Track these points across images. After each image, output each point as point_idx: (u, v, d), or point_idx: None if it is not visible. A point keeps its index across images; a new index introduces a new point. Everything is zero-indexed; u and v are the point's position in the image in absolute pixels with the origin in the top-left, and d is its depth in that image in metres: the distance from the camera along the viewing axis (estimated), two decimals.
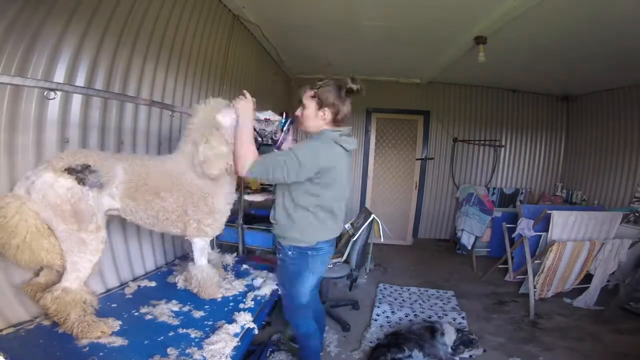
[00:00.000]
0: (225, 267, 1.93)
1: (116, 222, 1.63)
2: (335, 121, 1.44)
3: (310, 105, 1.44)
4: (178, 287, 1.65)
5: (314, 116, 1.44)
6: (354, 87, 1.40)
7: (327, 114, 1.42)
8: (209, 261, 1.65)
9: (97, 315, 1.30)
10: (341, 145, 1.42)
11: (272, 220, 1.54)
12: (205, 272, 1.58)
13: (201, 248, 1.57)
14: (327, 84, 1.41)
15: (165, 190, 1.41)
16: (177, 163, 1.47)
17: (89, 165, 1.22)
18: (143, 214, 1.40)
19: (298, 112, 1.50)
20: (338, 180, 1.42)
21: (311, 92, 1.43)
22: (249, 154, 1.37)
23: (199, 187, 1.47)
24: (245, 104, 1.44)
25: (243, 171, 1.37)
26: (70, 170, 1.17)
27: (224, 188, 1.55)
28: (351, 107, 1.46)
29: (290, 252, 1.47)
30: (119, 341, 1.21)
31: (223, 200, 1.56)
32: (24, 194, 1.12)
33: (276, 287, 1.77)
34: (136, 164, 1.38)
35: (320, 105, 1.42)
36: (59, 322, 1.19)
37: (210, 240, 1.67)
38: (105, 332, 1.23)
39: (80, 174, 1.18)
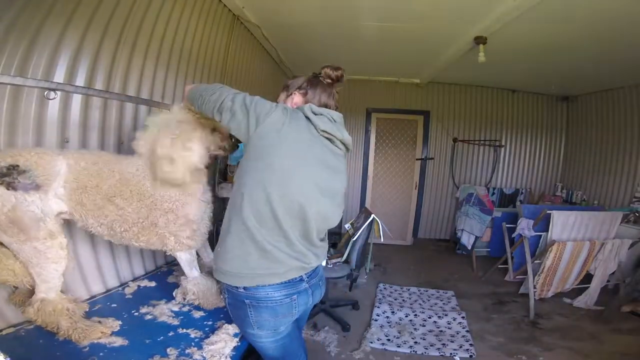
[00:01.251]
0: None
1: None
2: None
3: (281, 98, 1.18)
4: (177, 302, 1.50)
5: (287, 104, 1.15)
6: (331, 72, 1.12)
7: (296, 96, 1.13)
8: (202, 269, 1.53)
9: (97, 315, 1.30)
10: (309, 120, 1.02)
11: None
12: (201, 284, 1.44)
13: (188, 261, 1.42)
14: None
15: (122, 198, 1.23)
16: (139, 166, 1.28)
17: (17, 165, 1.06)
18: (93, 221, 1.23)
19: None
20: (290, 166, 0.97)
21: (281, 88, 1.20)
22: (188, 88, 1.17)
23: (166, 196, 1.28)
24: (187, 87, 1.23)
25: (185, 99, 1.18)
26: None
27: (196, 194, 1.36)
28: (334, 101, 1.14)
29: (225, 294, 1.07)
30: (119, 341, 1.20)
31: (198, 208, 1.36)
32: None
33: None
34: (86, 160, 1.21)
35: (287, 90, 1.16)
36: (54, 332, 1.15)
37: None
38: (105, 332, 1.20)
39: (6, 177, 1.03)
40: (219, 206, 2.47)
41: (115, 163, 1.28)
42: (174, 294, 1.53)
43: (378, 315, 2.65)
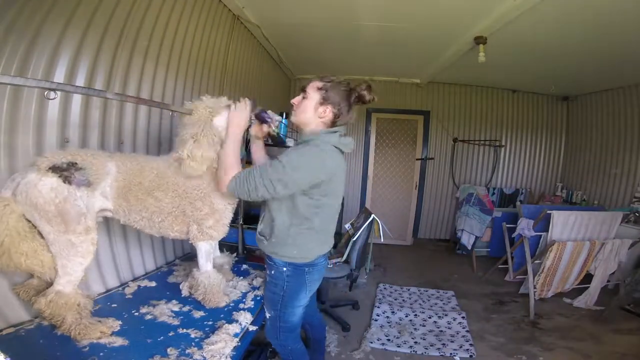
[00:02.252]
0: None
1: (116, 222, 1.62)
2: (333, 124, 1.28)
3: (313, 96, 1.26)
4: (183, 295, 1.56)
5: (312, 110, 1.26)
6: (367, 96, 1.25)
7: (328, 112, 1.25)
8: (220, 265, 1.59)
9: (97, 315, 1.30)
10: (339, 149, 1.27)
11: (260, 236, 1.37)
12: (212, 279, 1.50)
13: (207, 252, 1.48)
14: (341, 82, 1.26)
15: (160, 190, 1.35)
16: (171, 162, 1.39)
17: (75, 163, 1.17)
18: (137, 215, 1.34)
19: (295, 100, 1.31)
20: (338, 189, 1.30)
21: (319, 84, 1.26)
22: (230, 168, 1.23)
23: (195, 185, 1.39)
24: (239, 112, 1.32)
25: (223, 187, 1.24)
26: (54, 169, 1.12)
27: None
28: (355, 116, 1.31)
29: (285, 269, 1.32)
30: (119, 341, 1.20)
31: (222, 199, 1.45)
32: (10, 195, 1.08)
33: None
34: (129, 161, 1.32)
35: (324, 100, 1.24)
36: (56, 325, 1.17)
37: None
38: (105, 332, 1.21)
39: (65, 172, 1.13)
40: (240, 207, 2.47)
41: (152, 161, 1.41)
42: (180, 286, 1.58)
43: (378, 315, 2.65)
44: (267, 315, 1.41)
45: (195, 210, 1.41)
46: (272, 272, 1.35)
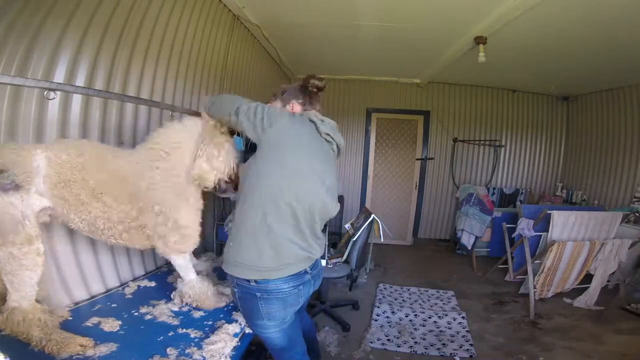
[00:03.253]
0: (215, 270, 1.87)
1: None
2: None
3: (275, 103, 1.27)
4: (176, 304, 1.49)
5: None
6: (318, 82, 1.24)
7: (296, 106, 1.25)
8: (199, 272, 1.52)
9: (98, 315, 1.30)
10: (314, 124, 1.14)
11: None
12: (197, 287, 1.44)
13: (181, 265, 1.42)
14: (291, 85, 1.31)
15: (111, 196, 1.19)
16: (137, 162, 1.25)
17: None
18: (75, 217, 1.17)
19: None
20: (301, 164, 1.09)
21: (273, 94, 1.31)
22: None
23: (158, 198, 1.26)
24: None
25: (206, 111, 1.27)
26: None
27: (188, 200, 1.34)
28: (319, 107, 1.30)
29: (233, 287, 1.16)
30: (118, 341, 1.20)
31: (187, 213, 1.34)
32: None
33: None
34: (69, 152, 1.14)
35: (285, 100, 1.26)
36: (28, 342, 1.07)
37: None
38: (85, 345, 1.11)
39: None
40: (219, 206, 2.46)
41: (109, 155, 1.24)
42: (172, 296, 1.53)
43: (378, 315, 2.64)
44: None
45: (158, 225, 1.28)
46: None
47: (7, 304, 1.07)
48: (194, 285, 1.44)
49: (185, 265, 1.42)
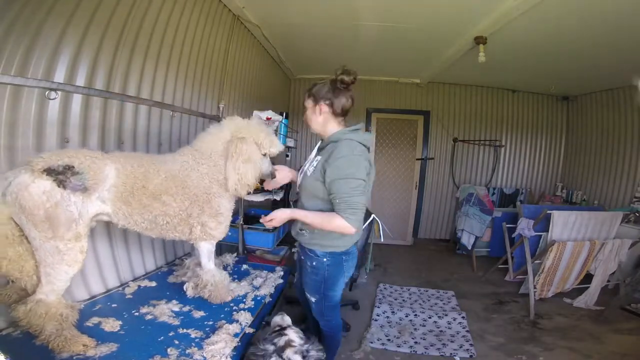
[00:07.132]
0: (225, 267, 1.92)
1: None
2: (335, 114, 1.43)
3: (308, 104, 1.47)
4: (188, 296, 1.56)
5: (315, 114, 1.46)
6: (346, 78, 1.37)
7: (323, 107, 1.42)
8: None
9: (98, 315, 1.30)
10: (365, 146, 1.43)
11: (300, 231, 1.48)
12: (217, 277, 1.54)
13: (208, 252, 1.51)
14: (322, 81, 1.44)
15: (169, 195, 1.33)
16: (183, 163, 1.40)
17: (72, 166, 1.10)
18: (139, 217, 1.30)
19: (304, 119, 1.54)
20: (369, 182, 1.44)
21: (307, 93, 1.48)
22: (329, 221, 1.34)
23: (206, 188, 1.41)
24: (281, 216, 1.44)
25: (353, 231, 1.35)
26: (49, 171, 1.05)
27: (227, 191, 1.49)
28: (352, 102, 1.44)
29: (325, 259, 1.46)
30: (119, 341, 1.20)
31: (227, 201, 1.50)
32: (0, 196, 1.02)
33: (274, 288, 1.77)
34: (132, 164, 1.27)
35: (315, 101, 1.44)
36: (35, 335, 1.10)
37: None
38: (88, 345, 1.14)
39: (60, 175, 1.07)
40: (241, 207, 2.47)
41: (160, 162, 1.37)
42: (184, 287, 1.58)
43: (378, 315, 2.65)
44: (312, 299, 1.54)
45: (202, 212, 1.42)
46: (314, 262, 1.47)
47: (34, 295, 1.10)
48: (214, 274, 1.54)
49: (211, 251, 1.53)
